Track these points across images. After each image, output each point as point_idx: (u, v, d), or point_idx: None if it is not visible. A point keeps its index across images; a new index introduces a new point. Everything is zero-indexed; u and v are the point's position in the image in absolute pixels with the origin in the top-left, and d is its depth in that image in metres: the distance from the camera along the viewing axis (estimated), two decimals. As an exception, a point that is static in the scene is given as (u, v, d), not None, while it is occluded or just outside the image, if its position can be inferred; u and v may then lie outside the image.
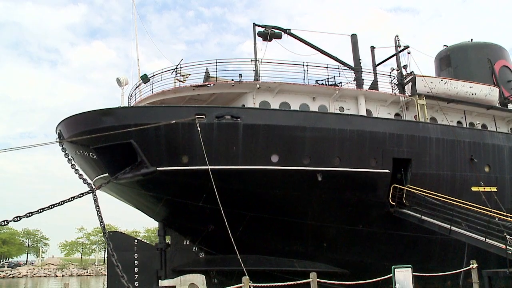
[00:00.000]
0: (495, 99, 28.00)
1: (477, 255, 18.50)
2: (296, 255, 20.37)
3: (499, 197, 22.23)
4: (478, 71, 30.74)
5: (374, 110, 24.06)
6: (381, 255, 20.39)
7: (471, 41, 34.04)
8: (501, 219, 18.44)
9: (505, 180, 23.68)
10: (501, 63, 32.26)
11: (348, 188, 19.67)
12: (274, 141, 18.78)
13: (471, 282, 17.04)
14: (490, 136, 24.52)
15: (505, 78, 31.73)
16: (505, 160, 24.04)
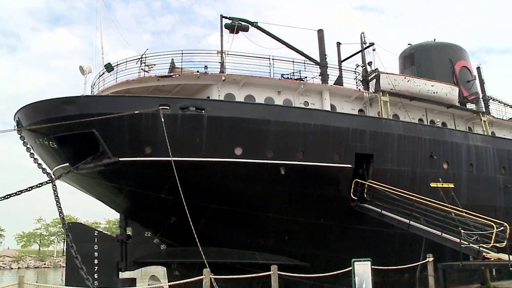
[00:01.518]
0: (455, 98, 28.69)
1: (433, 249, 18.96)
2: (258, 248, 20.47)
3: (456, 193, 22.78)
4: (440, 71, 31.39)
5: (338, 105, 24.33)
6: (341, 248, 20.66)
7: (434, 41, 34.72)
8: (457, 214, 18.95)
9: (462, 177, 24.31)
10: (461, 63, 33.06)
11: (310, 182, 19.83)
12: (238, 134, 18.80)
13: (427, 275, 17.47)
14: (449, 134, 25.11)
15: (464, 78, 32.54)
16: (462, 157, 24.66)
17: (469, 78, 33.26)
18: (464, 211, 19.05)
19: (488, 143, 26.69)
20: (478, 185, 25.13)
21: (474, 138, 26.14)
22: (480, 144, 26.01)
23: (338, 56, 28.74)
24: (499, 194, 26.03)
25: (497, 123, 32.90)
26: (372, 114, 25.07)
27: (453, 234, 18.04)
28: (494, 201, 25.63)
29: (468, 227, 18.47)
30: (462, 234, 17.67)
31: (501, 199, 26.01)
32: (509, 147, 28.01)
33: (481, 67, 36.74)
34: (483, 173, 25.59)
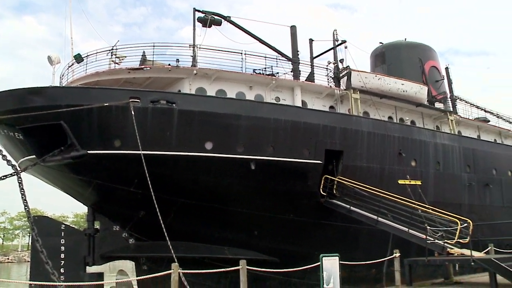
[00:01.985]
0: (424, 97, 29.19)
1: (400, 245, 19.25)
2: (227, 243, 20.44)
3: (423, 190, 23.19)
4: (410, 70, 31.81)
5: (309, 101, 24.46)
6: (310, 244, 20.80)
7: (405, 40, 35.19)
8: (423, 211, 19.28)
9: (429, 174, 24.77)
10: (431, 63, 33.60)
11: (280, 178, 19.90)
12: (209, 128, 18.71)
13: (394, 270, 17.73)
14: (418, 132, 25.53)
15: (433, 78, 33.10)
16: (430, 155, 25.12)
17: (438, 78, 33.84)
18: (430, 208, 19.39)
19: (455, 142, 27.25)
20: (444, 182, 25.65)
21: (442, 137, 26.66)
22: (447, 143, 26.53)
23: (310, 52, 28.88)
24: (463, 191, 26.63)
25: (463, 123, 33.63)
26: (342, 111, 25.29)
27: (420, 230, 18.35)
28: (459, 198, 26.21)
29: (434, 224, 18.82)
30: (428, 231, 17.99)
31: (465, 197, 26.62)
32: (474, 146, 28.67)
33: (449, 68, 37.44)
34: (449, 171, 26.14)
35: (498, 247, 22.48)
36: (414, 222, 18.65)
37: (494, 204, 28.50)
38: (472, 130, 34.67)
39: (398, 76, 28.28)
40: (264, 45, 25.49)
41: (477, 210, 26.81)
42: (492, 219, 26.44)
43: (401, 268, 17.79)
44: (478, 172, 27.89)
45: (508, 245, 23.33)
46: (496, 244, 22.33)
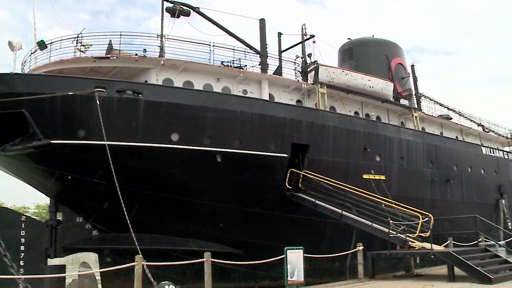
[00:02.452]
0: (390, 93, 29.63)
1: (363, 238, 19.53)
2: (192, 235, 20.33)
3: (386, 185, 23.56)
4: (377, 66, 32.21)
5: (276, 95, 24.52)
6: (275, 236, 20.86)
7: (372, 37, 35.60)
8: (386, 205, 19.58)
9: (393, 169, 25.18)
10: (397, 60, 34.11)
11: (246, 171, 19.90)
12: (176, 120, 18.57)
13: (357, 263, 17.97)
14: (383, 128, 25.89)
15: (399, 74, 33.62)
16: (394, 151, 25.53)
17: (404, 75, 34.38)
18: (393, 202, 19.70)
19: (418, 138, 27.77)
20: (408, 177, 26.12)
21: (406, 133, 27.12)
22: (411, 139, 27.01)
23: (278, 46, 28.94)
24: (426, 186, 27.19)
25: (427, 119, 34.34)
26: (309, 105, 25.44)
27: (383, 224, 18.64)
28: (421, 193, 26.75)
29: (397, 218, 19.14)
30: (391, 224, 18.30)
31: (427, 192, 27.18)
32: (437, 142, 29.29)
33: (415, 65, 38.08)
34: (413, 166, 26.62)
35: (457, 240, 23.06)
36: (378, 216, 18.93)
37: (454, 199, 29.20)
38: (435, 127, 35.45)
39: (365, 72, 28.60)
40: (232, 38, 25.40)
41: (439, 205, 27.41)
42: (452, 213, 27.07)
43: (364, 261, 18.05)
44: (440, 168, 28.50)
45: (466, 239, 23.94)
46: (455, 238, 22.91)
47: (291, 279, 14.68)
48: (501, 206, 33.27)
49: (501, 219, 32.81)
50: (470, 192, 30.83)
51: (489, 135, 42.83)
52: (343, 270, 21.92)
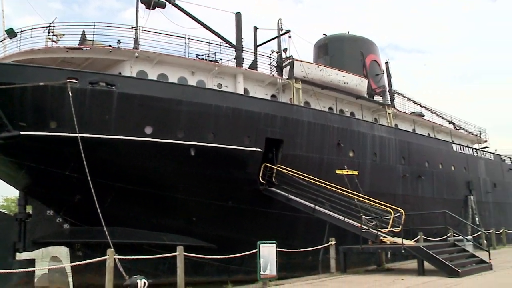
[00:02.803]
0: (364, 89, 29.90)
1: (336, 233, 19.66)
2: (165, 229, 20.16)
3: (359, 180, 23.75)
4: (351, 62, 32.47)
5: (251, 89, 24.51)
6: (248, 231, 20.81)
7: (347, 33, 35.83)
8: (359, 200, 19.76)
9: (366, 165, 25.40)
10: (372, 57, 34.44)
11: (220, 165, 19.84)
12: (149, 113, 18.39)
13: (329, 257, 18.09)
14: (357, 124, 26.09)
15: (374, 71, 33.96)
16: (367, 146, 25.75)
17: (378, 72, 34.75)
18: (366, 197, 19.88)
19: (391, 134, 28.07)
20: (380, 173, 26.38)
21: (379, 129, 27.37)
22: (384, 135, 27.28)
23: (254, 40, 28.84)
24: (398, 182, 27.52)
25: (400, 116, 34.78)
26: (284, 100, 25.50)
27: (355, 219, 18.80)
28: (393, 188, 27.06)
29: (369, 213, 19.32)
30: (363, 219, 18.47)
31: (399, 187, 27.52)
32: (409, 139, 29.66)
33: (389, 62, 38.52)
34: (385, 162, 26.91)
35: (427, 235, 23.46)
36: (350, 211, 19.08)
37: (426, 195, 29.66)
38: (408, 123, 35.94)
39: (339, 68, 28.79)
40: (208, 31, 25.24)
41: (410, 200, 27.79)
42: (423, 209, 27.48)
43: (337, 256, 18.18)
44: (412, 164, 28.89)
45: (436, 234, 24.34)
46: (426, 233, 23.29)
47: (264, 273, 14.71)
48: (470, 202, 33.95)
49: (469, 215, 33.49)
50: (441, 188, 31.35)
51: (460, 132, 43.67)
52: (316, 264, 22.06)
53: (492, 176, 38.72)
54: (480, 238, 28.54)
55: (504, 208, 40.60)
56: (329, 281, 15.44)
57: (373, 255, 21.34)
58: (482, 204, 36.04)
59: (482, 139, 46.67)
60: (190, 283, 13.72)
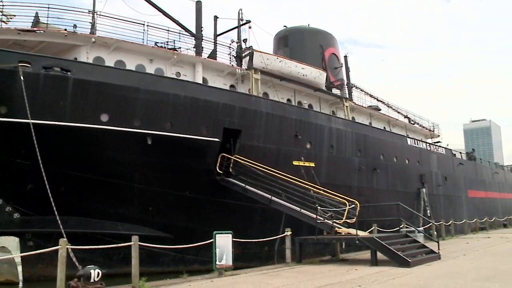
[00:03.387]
0: (322, 82, 30.19)
1: (292, 224, 19.82)
2: (121, 218, 19.86)
3: (316, 172, 24.02)
4: (311, 55, 32.67)
5: (210, 79, 24.36)
6: (205, 221, 20.79)
7: (308, 26, 36.02)
8: (315, 192, 19.99)
9: (323, 157, 25.69)
10: (331, 50, 34.74)
11: (177, 154, 19.68)
12: (106, 100, 18.03)
13: (285, 247, 18.24)
14: (315, 116, 26.32)
15: (332, 64, 34.29)
16: (324, 139, 26.04)
17: (337, 65, 35.12)
18: (322, 189, 20.13)
19: (348, 127, 28.47)
20: (337, 165, 26.75)
21: (336, 122, 27.72)
22: (341, 128, 27.65)
23: (214, 30, 28.63)
24: (354, 174, 27.97)
25: (357, 109, 35.33)
26: (243, 90, 25.46)
27: (311, 210, 19.02)
28: (349, 180, 27.50)
29: (325, 204, 19.58)
30: (319, 211, 18.70)
31: (355, 179, 27.98)
32: (366, 132, 30.18)
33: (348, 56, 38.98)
34: (342, 154, 27.30)
35: (381, 227, 23.95)
36: (306, 202, 19.30)
37: (380, 187, 30.27)
38: (365, 117, 36.55)
39: (299, 60, 28.93)
40: (167, 18, 24.86)
41: (365, 192, 28.32)
42: (377, 201, 28.06)
43: (292, 246, 18.35)
44: (368, 157, 29.42)
45: (389, 225, 24.91)
46: (379, 224, 23.78)
47: (220, 263, 14.73)
48: (422, 194, 34.92)
49: (421, 207, 34.44)
50: (395, 180, 32.08)
51: (414, 127, 44.81)
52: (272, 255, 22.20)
53: (443, 170, 39.92)
54: (430, 230, 29.36)
55: (454, 200, 41.98)
56: (284, 271, 15.57)
57: (328, 245, 21.64)
58: (434, 197, 37.14)
59: (435, 134, 48.07)
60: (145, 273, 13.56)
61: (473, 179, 47.09)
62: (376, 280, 12.52)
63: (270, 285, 12.04)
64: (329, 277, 13.53)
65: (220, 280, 13.60)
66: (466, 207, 43.73)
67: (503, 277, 12.51)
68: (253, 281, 12.96)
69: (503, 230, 40.79)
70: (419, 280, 12.39)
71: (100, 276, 11.67)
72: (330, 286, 11.66)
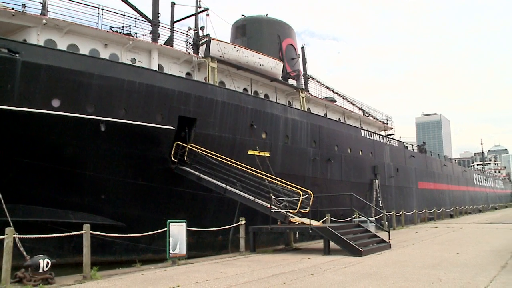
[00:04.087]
0: (279, 72, 30.28)
1: (247, 213, 19.90)
2: (72, 207, 19.36)
3: (271, 161, 24.14)
4: (268, 45, 32.72)
5: (166, 66, 24.03)
6: (159, 209, 20.59)
7: (266, 15, 35.98)
8: (270, 181, 20.08)
9: (278, 147, 25.84)
10: (288, 41, 34.86)
11: (131, 141, 19.36)
12: (57, 85, 17.45)
13: (239, 236, 18.28)
14: (270, 106, 26.38)
15: (289, 55, 34.45)
16: (280, 129, 26.16)
17: (294, 56, 35.28)
18: (276, 178, 20.24)
19: (304, 118, 28.70)
20: (292, 155, 26.95)
21: (292, 112, 27.89)
22: (297, 118, 27.84)
23: (171, 16, 28.19)
24: (308, 165, 28.26)
25: (313, 101, 35.67)
26: (199, 78, 25.25)
27: (265, 200, 19.10)
28: (304, 171, 27.77)
29: (279, 194, 19.70)
30: (273, 200, 18.81)
31: (309, 170, 28.27)
32: (321, 123, 30.50)
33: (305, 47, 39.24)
34: (297, 145, 27.51)
35: (334, 216, 24.37)
36: (261, 192, 19.36)
37: (334, 178, 30.74)
38: (320, 108, 36.95)
39: (256, 50, 28.89)
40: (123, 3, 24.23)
41: (319, 182, 28.69)
42: (331, 191, 28.46)
43: (246, 235, 18.41)
44: (322, 148, 29.77)
45: (342, 215, 25.36)
46: (333, 214, 24.18)
47: (173, 252, 14.63)
48: (375, 185, 35.73)
49: (374, 198, 35.23)
50: (348, 171, 32.65)
51: (369, 119, 45.67)
52: (226, 244, 22.27)
53: (395, 162, 40.95)
54: (382, 220, 30.08)
55: (405, 192, 43.18)
56: (238, 260, 15.61)
57: (282, 235, 21.85)
58: (386, 188, 38.07)
59: (389, 127, 49.17)
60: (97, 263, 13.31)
61: (423, 171, 48.58)
62: (328, 268, 12.74)
63: (224, 274, 12.05)
64: (282, 266, 13.65)
65: (173, 269, 13.50)
66: (416, 198, 45.12)
67: (447, 265, 13.01)
68: (207, 270, 12.94)
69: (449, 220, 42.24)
70: (370, 268, 12.69)
71: (49, 265, 11.40)
72: (283, 275, 11.77)
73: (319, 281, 10.60)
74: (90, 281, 11.54)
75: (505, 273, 11.38)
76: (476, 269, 12.17)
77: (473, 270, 12.00)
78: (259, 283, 10.52)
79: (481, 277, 10.86)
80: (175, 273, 12.49)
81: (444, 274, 11.30)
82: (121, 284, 10.91)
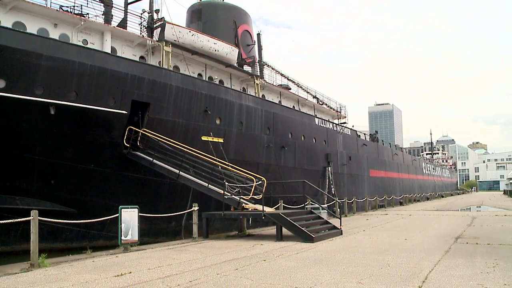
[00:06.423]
0: (234, 58, 30.14)
1: (200, 199, 19.83)
2: (20, 192, 18.74)
3: (224, 148, 24.08)
4: (224, 30, 32.48)
5: (119, 49, 23.49)
6: (111, 195, 20.22)
7: (222, 0, 35.68)
8: (223, 167, 20.05)
9: (232, 133, 25.78)
10: (244, 27, 34.73)
11: (82, 125, 18.86)
12: (2, 65, 16.71)
13: (192, 223, 18.19)
14: (225, 92, 26.24)
15: (245, 41, 34.34)
16: (234, 115, 26.08)
17: (249, 42, 35.19)
18: (230, 165, 20.22)
19: (258, 105, 28.72)
20: (246, 142, 26.97)
21: (247, 99, 27.84)
22: (251, 105, 27.83)
23: (125, -2, 27.49)
24: (262, 151, 28.37)
25: (267, 87, 35.76)
26: (153, 62, 24.84)
27: (218, 186, 19.06)
28: (257, 157, 27.86)
29: (232, 180, 19.71)
30: (226, 186, 18.80)
31: (263, 156, 28.40)
32: (275, 110, 30.61)
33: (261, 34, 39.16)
34: (251, 131, 27.54)
35: (287, 203, 24.61)
36: (214, 178, 19.31)
37: (288, 165, 30.99)
38: (275, 95, 37.10)
39: (212, 35, 28.62)
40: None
41: (273, 169, 28.86)
42: (284, 178, 28.72)
43: (199, 221, 18.34)
44: (277, 135, 29.92)
45: (295, 202, 25.64)
46: (286, 201, 24.40)
47: (125, 238, 14.42)
48: (327, 173, 36.29)
49: (326, 185, 35.80)
50: (302, 159, 32.98)
51: (322, 107, 46.22)
52: (179, 230, 22.16)
53: (348, 150, 41.70)
54: (334, 207, 30.62)
55: (357, 179, 44.10)
56: (191, 246, 15.56)
57: (235, 221, 21.93)
58: (338, 175, 38.74)
59: (342, 115, 49.96)
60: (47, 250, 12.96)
61: (375, 159, 49.72)
62: (281, 254, 12.86)
63: (176, 260, 11.98)
64: (235, 251, 13.69)
65: (125, 255, 13.31)
66: (368, 186, 46.20)
67: (395, 250, 13.40)
68: (159, 256, 12.83)
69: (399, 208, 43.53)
70: (321, 254, 12.90)
71: (-6, 252, 11.02)
72: (236, 260, 11.81)
73: (272, 267, 10.69)
74: (38, 268, 11.21)
75: (448, 257, 11.83)
76: (422, 254, 12.60)
77: (419, 255, 12.42)
78: (212, 269, 10.51)
79: (426, 261, 11.26)
80: (126, 260, 12.32)
81: (392, 259, 11.63)
82: (71, 271, 10.67)
